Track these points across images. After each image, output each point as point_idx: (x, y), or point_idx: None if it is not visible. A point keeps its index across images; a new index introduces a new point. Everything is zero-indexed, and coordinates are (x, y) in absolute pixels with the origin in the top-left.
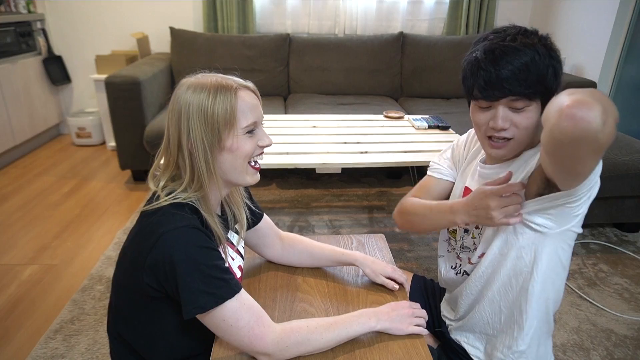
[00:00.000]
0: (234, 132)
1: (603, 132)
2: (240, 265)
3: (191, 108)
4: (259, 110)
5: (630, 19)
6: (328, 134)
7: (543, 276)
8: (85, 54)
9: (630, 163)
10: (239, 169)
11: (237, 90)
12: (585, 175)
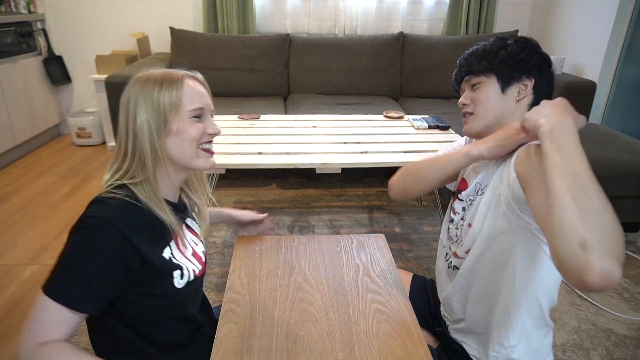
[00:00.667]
0: (179, 115)
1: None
2: (204, 251)
3: (138, 95)
4: (207, 99)
5: (630, 19)
6: (328, 134)
7: (526, 270)
8: (85, 54)
9: (630, 163)
10: (188, 152)
11: (184, 78)
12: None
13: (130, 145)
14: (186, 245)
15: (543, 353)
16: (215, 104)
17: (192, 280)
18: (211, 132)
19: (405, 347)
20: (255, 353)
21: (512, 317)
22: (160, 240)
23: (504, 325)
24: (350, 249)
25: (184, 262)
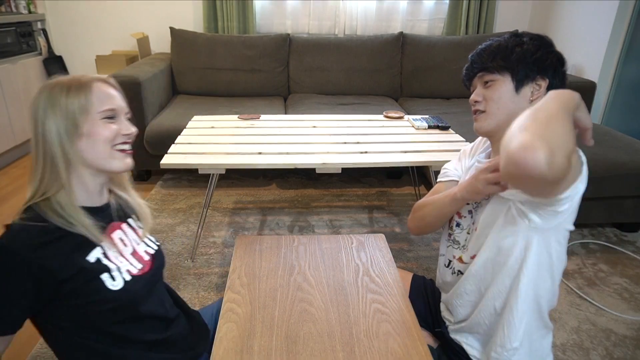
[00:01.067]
0: (90, 117)
1: (550, 171)
2: (148, 250)
3: (46, 102)
4: (118, 101)
5: (630, 19)
6: (328, 134)
7: (532, 273)
8: (85, 54)
9: (630, 163)
10: (103, 154)
11: (93, 81)
12: (553, 195)
13: (41, 154)
14: (126, 244)
15: (542, 354)
16: (215, 104)
17: (130, 280)
18: (126, 133)
19: (405, 347)
20: (255, 353)
21: (516, 319)
22: (84, 245)
23: (507, 328)
24: (350, 249)
25: (117, 263)
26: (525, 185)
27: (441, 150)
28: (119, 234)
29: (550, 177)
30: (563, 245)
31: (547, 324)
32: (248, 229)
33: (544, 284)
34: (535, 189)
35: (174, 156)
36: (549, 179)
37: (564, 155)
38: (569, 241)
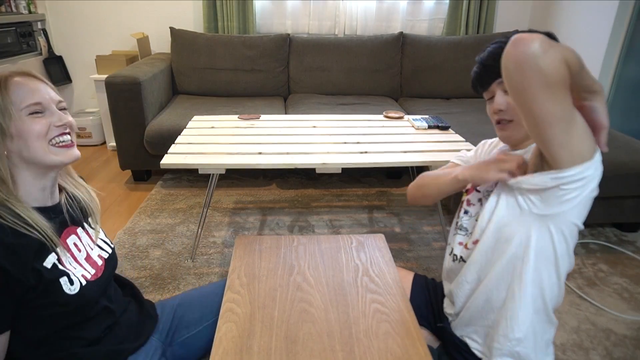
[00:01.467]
0: (14, 115)
1: (543, 59)
2: (101, 254)
3: None
4: (43, 93)
5: (630, 19)
6: (328, 134)
7: (535, 264)
8: (85, 54)
9: (630, 163)
10: (40, 151)
11: (9, 77)
12: (540, 116)
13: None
14: (80, 249)
15: (543, 347)
16: (215, 104)
17: (85, 285)
18: (60, 124)
19: (404, 347)
20: (254, 353)
21: (520, 310)
22: (39, 250)
23: (511, 318)
24: (350, 249)
25: (71, 269)
26: (518, 84)
27: (441, 150)
28: (73, 239)
29: (545, 67)
30: (569, 242)
31: (552, 320)
32: (248, 229)
33: (549, 279)
34: (529, 94)
35: (174, 156)
36: (543, 70)
37: (560, 55)
38: None
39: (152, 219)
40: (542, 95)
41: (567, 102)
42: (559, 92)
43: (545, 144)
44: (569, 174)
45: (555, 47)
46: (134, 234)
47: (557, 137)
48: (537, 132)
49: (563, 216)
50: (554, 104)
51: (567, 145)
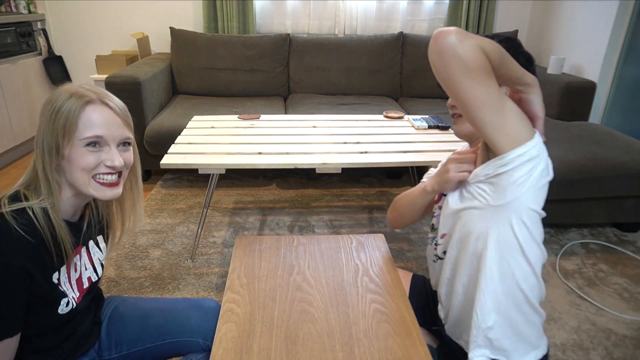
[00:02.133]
0: (72, 141)
1: (460, 47)
2: (91, 277)
3: (46, 106)
4: (112, 129)
5: (630, 19)
6: (328, 134)
7: (499, 253)
8: (85, 54)
9: (630, 163)
10: (80, 181)
11: (90, 102)
12: (469, 101)
13: (37, 158)
14: (76, 269)
15: (529, 338)
16: (215, 104)
17: (74, 308)
18: (109, 165)
19: (404, 347)
20: (254, 353)
21: (485, 298)
22: (51, 264)
23: (479, 308)
24: (349, 249)
25: (66, 289)
26: (443, 71)
27: (441, 150)
28: (76, 258)
29: (463, 54)
30: (530, 229)
31: (536, 309)
32: (248, 229)
33: (519, 268)
34: (454, 80)
35: (174, 156)
36: (462, 57)
37: (476, 43)
38: (569, 241)
39: (152, 219)
40: (465, 81)
41: (492, 87)
42: (480, 77)
43: (480, 129)
44: (512, 157)
45: (471, 37)
46: (134, 234)
47: (489, 120)
48: (470, 116)
49: (518, 203)
50: (478, 88)
51: (503, 128)
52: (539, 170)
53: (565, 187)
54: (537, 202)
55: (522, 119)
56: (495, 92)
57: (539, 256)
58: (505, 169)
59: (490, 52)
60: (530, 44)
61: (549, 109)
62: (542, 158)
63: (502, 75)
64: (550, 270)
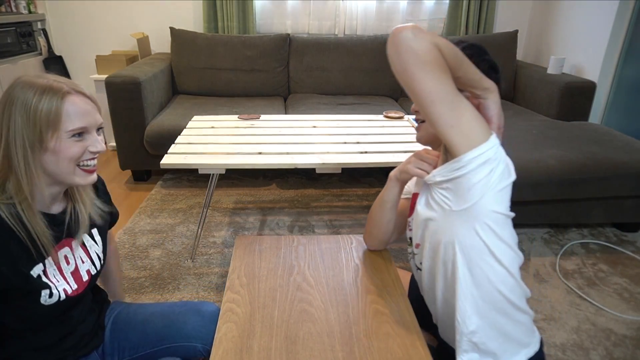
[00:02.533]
0: (57, 134)
1: (415, 41)
2: (90, 270)
3: (15, 104)
4: (92, 116)
5: (630, 19)
6: (328, 134)
7: (468, 258)
8: (85, 54)
9: (630, 163)
10: (65, 170)
11: (67, 94)
12: (423, 94)
13: (3, 154)
14: (69, 262)
15: (518, 337)
16: (215, 104)
17: (63, 300)
18: (93, 151)
19: (404, 347)
20: (254, 353)
21: (464, 303)
22: (29, 258)
23: (459, 314)
24: (349, 249)
25: (54, 282)
26: (399, 65)
27: None
28: (65, 251)
29: (417, 48)
30: (497, 231)
31: (521, 309)
32: (248, 229)
33: (493, 271)
34: (409, 73)
35: (174, 156)
36: (416, 51)
37: (430, 38)
38: (569, 241)
39: (152, 219)
40: (419, 72)
41: (447, 83)
42: (434, 70)
43: (435, 125)
44: (468, 158)
45: (427, 33)
46: (134, 234)
47: (444, 116)
48: (426, 111)
49: (480, 207)
50: (432, 81)
51: (457, 126)
52: (498, 173)
53: (565, 187)
54: (500, 205)
55: (479, 121)
56: (450, 88)
57: (512, 258)
58: (462, 172)
59: (444, 49)
60: (530, 44)
61: (549, 109)
62: (500, 160)
63: (460, 78)
64: (550, 270)
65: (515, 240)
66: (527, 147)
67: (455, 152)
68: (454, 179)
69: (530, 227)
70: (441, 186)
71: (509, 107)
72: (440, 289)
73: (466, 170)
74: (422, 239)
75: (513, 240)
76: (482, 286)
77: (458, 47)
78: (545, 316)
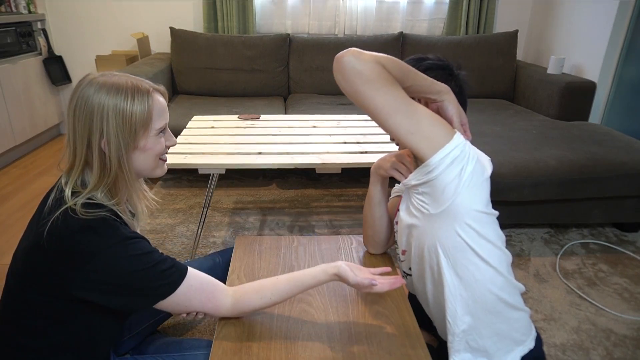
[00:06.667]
0: (147, 133)
1: (357, 63)
2: None
3: (106, 109)
4: (167, 113)
5: (630, 19)
6: (328, 134)
7: (453, 259)
8: (85, 54)
9: (630, 163)
10: (152, 165)
11: (152, 92)
12: (378, 110)
13: (97, 159)
14: None
15: (512, 335)
16: (215, 104)
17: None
18: (169, 145)
19: (404, 348)
20: (254, 354)
21: (453, 304)
22: None
23: (449, 314)
24: (349, 249)
25: None
26: (348, 87)
27: None
28: None
29: (361, 68)
30: (478, 229)
31: (513, 306)
32: (248, 229)
33: (477, 270)
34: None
35: (173, 156)
36: (360, 70)
37: (371, 58)
38: (569, 241)
39: (152, 219)
40: (368, 91)
41: (397, 94)
42: (381, 85)
43: (397, 135)
44: (435, 160)
45: (367, 53)
46: None
47: (402, 126)
48: (385, 126)
49: (458, 207)
50: (382, 96)
51: (418, 132)
52: (469, 170)
53: (565, 187)
54: (479, 202)
55: (439, 123)
56: (402, 99)
57: (499, 256)
58: (433, 175)
59: (387, 64)
60: (530, 44)
61: (549, 109)
62: (470, 156)
63: (410, 87)
64: (550, 270)
65: (501, 238)
66: (527, 147)
67: (421, 157)
68: (427, 182)
69: (530, 227)
70: (417, 191)
71: (509, 107)
72: (431, 292)
73: (437, 172)
74: (407, 245)
75: (499, 239)
76: (471, 286)
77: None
78: (545, 316)
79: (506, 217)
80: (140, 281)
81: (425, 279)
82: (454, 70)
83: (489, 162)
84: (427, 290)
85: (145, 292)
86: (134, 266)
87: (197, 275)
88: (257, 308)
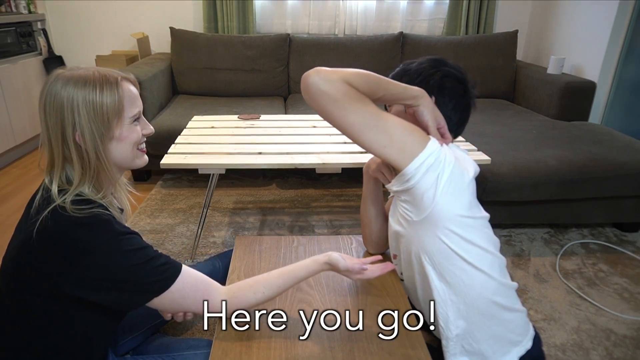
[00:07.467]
0: (121, 121)
1: (322, 84)
2: None
3: (76, 101)
4: (140, 100)
5: (630, 19)
6: (328, 134)
7: (439, 265)
8: (85, 54)
9: (630, 163)
10: (130, 155)
11: (121, 82)
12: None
13: (74, 153)
14: None
15: (508, 336)
16: (215, 104)
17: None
18: (146, 133)
19: (404, 348)
20: (254, 354)
21: (444, 309)
22: None
23: (442, 321)
24: (349, 249)
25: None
26: (317, 107)
27: None
28: None
29: (327, 89)
30: (461, 233)
31: (508, 308)
32: (248, 229)
33: (465, 274)
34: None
35: (174, 156)
36: (326, 92)
37: (336, 76)
38: (569, 241)
39: (152, 219)
40: (336, 111)
41: (365, 110)
42: (349, 104)
43: (370, 150)
44: (410, 170)
45: (332, 72)
46: None
47: (374, 140)
48: (357, 142)
49: (439, 213)
50: (351, 114)
51: (390, 145)
52: (447, 176)
53: (565, 187)
54: (460, 207)
55: (411, 132)
56: (370, 114)
57: (490, 260)
58: (410, 183)
59: (354, 80)
60: (530, 44)
61: (549, 109)
62: (445, 162)
63: (383, 97)
64: (550, 270)
65: (493, 242)
66: (527, 147)
67: (397, 168)
68: (406, 190)
69: (530, 227)
70: (401, 198)
71: (509, 107)
72: (421, 297)
73: (413, 181)
74: (397, 251)
75: (490, 243)
76: (462, 291)
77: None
78: (545, 316)
79: (506, 217)
80: (135, 277)
81: (415, 284)
82: (470, 88)
83: (473, 164)
84: (419, 295)
85: (141, 288)
86: (129, 262)
87: (191, 273)
88: (252, 304)
